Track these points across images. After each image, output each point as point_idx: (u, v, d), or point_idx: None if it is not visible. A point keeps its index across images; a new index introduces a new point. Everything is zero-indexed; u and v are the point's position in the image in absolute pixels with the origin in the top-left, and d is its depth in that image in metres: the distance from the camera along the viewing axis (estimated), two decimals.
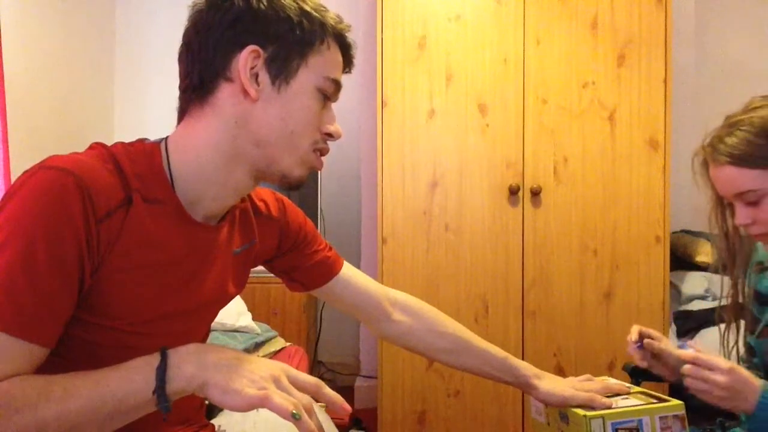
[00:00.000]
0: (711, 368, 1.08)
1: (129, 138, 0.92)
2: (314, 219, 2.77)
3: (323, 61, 0.89)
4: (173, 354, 0.74)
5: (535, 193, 2.41)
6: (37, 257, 0.74)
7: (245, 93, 0.85)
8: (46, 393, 0.71)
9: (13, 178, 2.24)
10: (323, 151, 0.93)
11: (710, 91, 2.99)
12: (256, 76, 0.86)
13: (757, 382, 1.10)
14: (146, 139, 0.91)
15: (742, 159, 1.13)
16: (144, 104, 3.24)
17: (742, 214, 1.17)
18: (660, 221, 2.42)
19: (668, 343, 1.24)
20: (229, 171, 0.88)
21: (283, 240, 1.10)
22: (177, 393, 0.73)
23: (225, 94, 0.86)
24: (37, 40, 2.62)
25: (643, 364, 1.24)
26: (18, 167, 2.25)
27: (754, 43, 3.12)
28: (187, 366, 0.73)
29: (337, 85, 0.91)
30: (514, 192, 2.41)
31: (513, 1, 2.41)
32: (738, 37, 3.11)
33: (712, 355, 1.11)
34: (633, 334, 1.25)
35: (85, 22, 3.05)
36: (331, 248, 1.17)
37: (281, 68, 0.86)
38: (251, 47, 0.85)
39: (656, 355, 1.24)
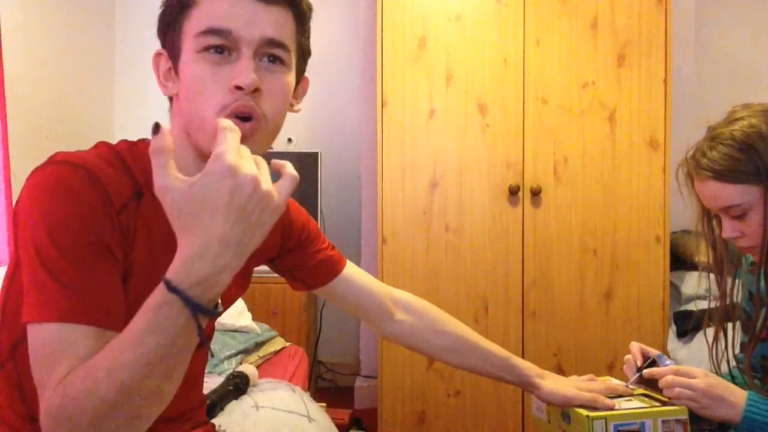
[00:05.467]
0: (691, 376, 1.08)
1: (129, 138, 0.92)
2: (314, 219, 2.76)
3: (195, 20, 0.80)
4: (178, 281, 0.65)
5: (535, 193, 2.41)
6: (68, 244, 0.73)
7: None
8: (104, 370, 0.65)
9: (13, 178, 2.23)
10: (238, 111, 0.79)
11: (710, 91, 2.98)
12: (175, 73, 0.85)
13: (739, 389, 1.09)
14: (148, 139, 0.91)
15: (725, 174, 1.11)
16: (144, 104, 3.23)
17: (729, 228, 1.15)
18: (660, 221, 2.42)
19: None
20: (198, 166, 0.86)
21: (287, 239, 1.10)
22: (204, 289, 0.66)
23: None
24: (37, 39, 2.62)
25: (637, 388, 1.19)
26: (18, 167, 2.25)
27: (754, 43, 3.12)
28: (198, 273, 0.66)
29: (215, 32, 0.78)
30: (514, 192, 2.41)
31: (513, 1, 2.41)
32: (738, 37, 3.11)
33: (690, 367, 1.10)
34: (636, 356, 1.18)
35: (86, 22, 3.04)
36: (333, 247, 1.17)
37: (175, 55, 0.84)
38: (156, 51, 0.87)
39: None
